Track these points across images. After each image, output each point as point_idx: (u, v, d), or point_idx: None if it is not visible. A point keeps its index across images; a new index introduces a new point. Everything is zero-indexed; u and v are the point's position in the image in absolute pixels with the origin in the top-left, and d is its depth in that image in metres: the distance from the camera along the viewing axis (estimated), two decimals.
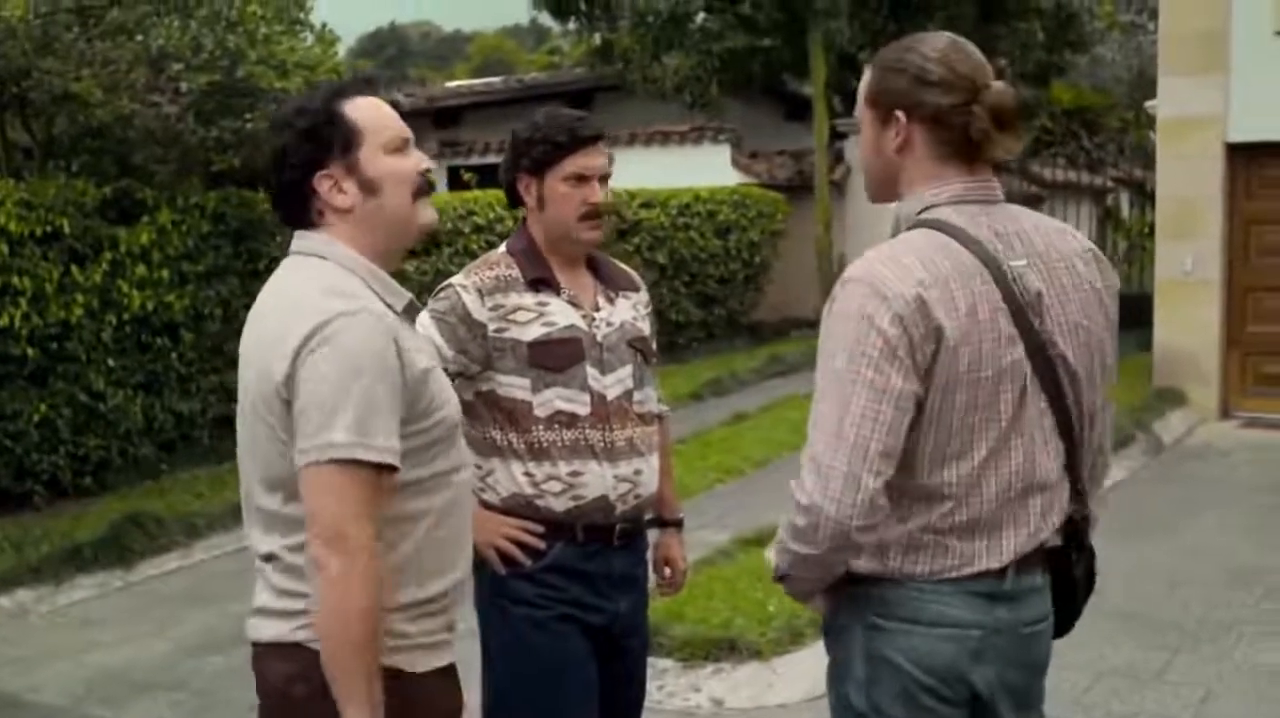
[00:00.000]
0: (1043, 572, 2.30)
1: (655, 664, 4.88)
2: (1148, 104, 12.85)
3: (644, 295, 3.17)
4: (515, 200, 3.02)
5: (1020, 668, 2.29)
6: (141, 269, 8.42)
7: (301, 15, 9.34)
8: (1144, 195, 17.67)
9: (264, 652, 2.20)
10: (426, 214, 2.30)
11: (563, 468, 2.89)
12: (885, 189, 2.35)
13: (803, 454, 2.15)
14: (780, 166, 16.95)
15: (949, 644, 2.20)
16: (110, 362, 8.29)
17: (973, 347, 2.13)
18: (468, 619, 2.49)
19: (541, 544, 2.90)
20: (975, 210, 2.24)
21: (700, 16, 15.90)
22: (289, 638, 2.15)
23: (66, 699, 5.35)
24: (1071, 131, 20.02)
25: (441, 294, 2.94)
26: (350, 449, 2.03)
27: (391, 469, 2.08)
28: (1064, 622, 2.39)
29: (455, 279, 2.96)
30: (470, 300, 2.88)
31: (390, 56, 60.85)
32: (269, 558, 2.18)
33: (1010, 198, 2.32)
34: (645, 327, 3.10)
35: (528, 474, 2.89)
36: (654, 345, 3.17)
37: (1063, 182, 17.92)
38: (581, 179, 2.93)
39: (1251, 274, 10.86)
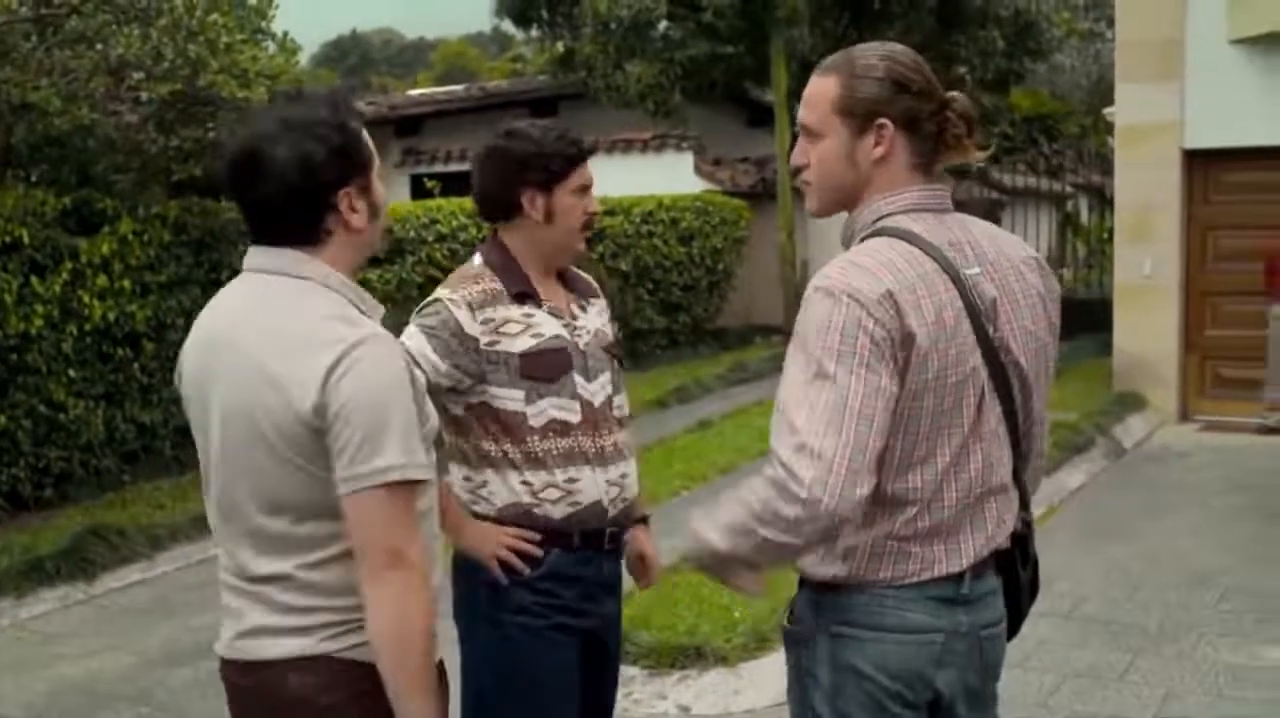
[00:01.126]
0: (995, 575, 2.33)
1: (622, 672, 4.87)
2: (1106, 111, 12.97)
3: (603, 300, 3.20)
4: (497, 215, 3.00)
5: (978, 671, 2.30)
6: (102, 279, 8.35)
7: (263, 24, 9.30)
8: (1103, 201, 17.84)
9: (281, 668, 2.19)
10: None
11: (559, 475, 2.91)
12: (843, 201, 2.30)
13: (783, 450, 2.07)
14: (743, 173, 17.01)
15: (913, 649, 2.21)
16: (71, 373, 8.21)
17: (940, 353, 2.13)
18: (445, 630, 2.47)
19: (539, 552, 2.91)
20: (931, 219, 2.25)
21: (662, 24, 15.92)
22: (313, 652, 2.17)
23: (28, 714, 5.29)
24: (1031, 138, 20.23)
25: (429, 309, 2.91)
26: (404, 471, 2.08)
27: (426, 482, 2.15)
28: (1011, 625, 2.41)
29: (442, 294, 2.93)
30: (462, 315, 2.87)
31: (352, 64, 60.65)
32: (272, 579, 2.18)
33: (971, 204, 2.34)
34: (611, 332, 3.14)
35: (525, 483, 2.91)
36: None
37: (1023, 188, 18.08)
38: (585, 190, 2.99)
39: (1209, 279, 10.98)
